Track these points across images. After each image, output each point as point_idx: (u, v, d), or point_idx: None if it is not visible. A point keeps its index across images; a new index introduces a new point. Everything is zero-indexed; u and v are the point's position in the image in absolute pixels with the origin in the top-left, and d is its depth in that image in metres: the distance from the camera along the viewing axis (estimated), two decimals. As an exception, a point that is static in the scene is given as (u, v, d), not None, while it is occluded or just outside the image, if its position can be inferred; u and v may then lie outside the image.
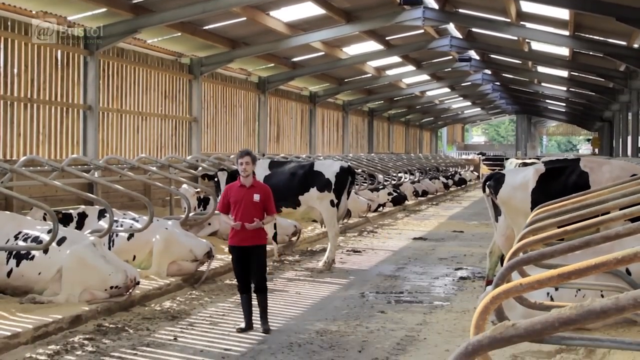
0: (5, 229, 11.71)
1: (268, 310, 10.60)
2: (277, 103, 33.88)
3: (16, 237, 11.70)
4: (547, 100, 56.18)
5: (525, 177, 12.24)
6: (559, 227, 6.65)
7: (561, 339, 4.45)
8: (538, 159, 37.74)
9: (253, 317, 10.49)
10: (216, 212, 13.76)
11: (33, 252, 11.35)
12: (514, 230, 11.77)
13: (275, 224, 17.12)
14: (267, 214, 10.67)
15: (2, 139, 16.90)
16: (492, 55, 37.30)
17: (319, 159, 21.24)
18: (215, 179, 16.97)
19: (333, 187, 16.06)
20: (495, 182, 12.40)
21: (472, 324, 4.04)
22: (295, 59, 31.43)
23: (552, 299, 8.94)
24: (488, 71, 42.99)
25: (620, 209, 6.56)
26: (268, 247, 17.26)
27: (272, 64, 30.29)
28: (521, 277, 5.77)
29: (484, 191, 13.07)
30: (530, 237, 6.51)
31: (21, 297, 11.06)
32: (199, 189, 18.15)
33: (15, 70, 17.47)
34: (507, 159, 54.83)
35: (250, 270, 10.52)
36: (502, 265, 10.00)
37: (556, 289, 9.09)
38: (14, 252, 11.44)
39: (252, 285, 10.58)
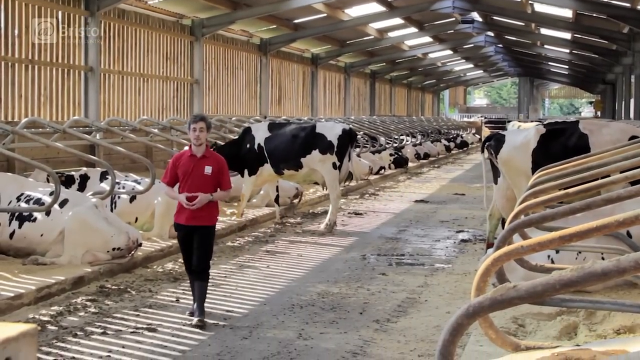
0: (7, 191, 11.73)
1: (207, 297, 9.18)
2: (279, 65, 33.76)
3: (18, 199, 11.72)
4: (550, 63, 55.97)
5: (526, 138, 12.22)
6: (560, 190, 6.65)
7: (562, 301, 4.47)
8: (540, 121, 37.67)
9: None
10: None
11: (35, 214, 11.38)
12: (515, 191, 11.78)
13: (277, 187, 17.14)
14: (220, 189, 9.20)
15: (4, 100, 16.88)
16: (495, 17, 37.10)
17: (320, 121, 21.19)
18: None
19: (335, 149, 16.04)
20: (495, 142, 12.37)
21: (473, 286, 4.05)
22: (297, 21, 31.27)
23: (552, 262, 8.96)
24: (491, 33, 42.77)
25: (622, 172, 6.56)
26: (270, 210, 17.38)
27: (274, 26, 30.14)
28: (522, 239, 5.79)
29: (483, 152, 13.06)
30: (531, 199, 6.51)
31: (24, 259, 11.10)
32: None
33: (16, 32, 17.39)
34: (509, 121, 54.77)
35: (194, 252, 9.11)
36: (503, 227, 10.03)
37: (557, 252, 9.12)
38: (16, 214, 11.47)
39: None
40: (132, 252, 11.49)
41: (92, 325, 8.65)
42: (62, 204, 11.35)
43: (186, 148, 9.76)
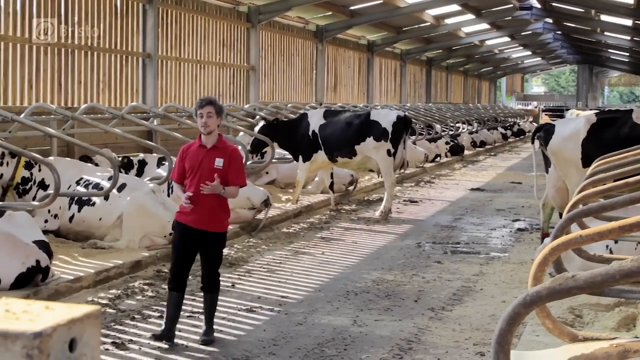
0: (67, 175, 11.90)
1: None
2: (335, 52, 33.70)
3: (77, 183, 11.90)
4: (610, 50, 55.04)
5: (576, 128, 12.06)
6: (619, 180, 6.56)
7: (620, 292, 4.42)
8: (598, 110, 37.13)
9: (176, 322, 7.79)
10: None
11: (94, 199, 11.55)
12: (565, 181, 11.67)
13: (332, 174, 17.15)
14: (230, 184, 7.82)
15: (64, 86, 17.11)
16: (553, 4, 36.59)
17: (375, 109, 21.16)
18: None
19: (390, 136, 15.99)
20: (545, 133, 12.23)
21: (530, 275, 4.03)
22: (353, 7, 31.16)
23: (611, 252, 8.85)
24: (549, 20, 42.17)
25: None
26: (325, 196, 17.40)
27: (330, 12, 30.06)
28: (580, 229, 5.73)
29: (533, 142, 12.96)
30: (589, 189, 6.44)
31: (83, 242, 11.28)
32: (255, 137, 18.18)
33: (76, 19, 17.60)
34: (567, 109, 54.05)
35: (202, 263, 8.08)
36: (560, 217, 9.93)
37: (616, 242, 9.00)
38: (75, 198, 11.65)
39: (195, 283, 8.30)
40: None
41: (149, 308, 8.76)
42: (120, 188, 11.49)
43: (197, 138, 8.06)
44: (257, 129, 16.64)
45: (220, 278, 10.18)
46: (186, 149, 7.91)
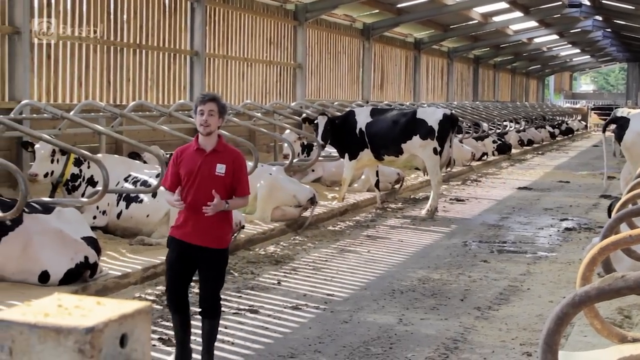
0: (115, 172, 12.00)
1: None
2: (382, 50, 33.63)
3: (126, 180, 12.01)
4: (661, 48, 54.33)
5: None
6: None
7: (671, 292, 4.36)
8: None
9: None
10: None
11: (142, 195, 11.64)
12: (636, 177, 11.52)
13: (377, 172, 17.11)
14: (235, 195, 6.72)
15: (113, 84, 17.28)
16: (603, 1, 36.17)
17: (422, 107, 21.08)
18: (315, 122, 16.91)
19: (436, 134, 15.92)
20: (619, 128, 12.03)
21: (578, 275, 3.99)
22: (400, 5, 31.08)
23: (661, 252, 8.72)
24: (599, 17, 41.68)
25: None
26: (371, 195, 17.37)
27: (377, 10, 30.01)
28: (630, 229, 5.66)
29: (604, 132, 12.79)
30: (639, 188, 6.36)
31: (130, 239, 11.38)
32: (301, 135, 18.25)
33: (125, 17, 17.77)
34: (617, 107, 53.37)
35: (200, 284, 6.81)
36: (609, 216, 9.81)
37: (666, 242, 8.86)
38: (124, 195, 11.75)
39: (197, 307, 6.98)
40: (235, 235, 11.63)
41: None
42: (168, 186, 11.55)
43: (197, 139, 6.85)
44: (321, 124, 16.45)
45: (266, 275, 10.27)
46: (180, 153, 6.78)
